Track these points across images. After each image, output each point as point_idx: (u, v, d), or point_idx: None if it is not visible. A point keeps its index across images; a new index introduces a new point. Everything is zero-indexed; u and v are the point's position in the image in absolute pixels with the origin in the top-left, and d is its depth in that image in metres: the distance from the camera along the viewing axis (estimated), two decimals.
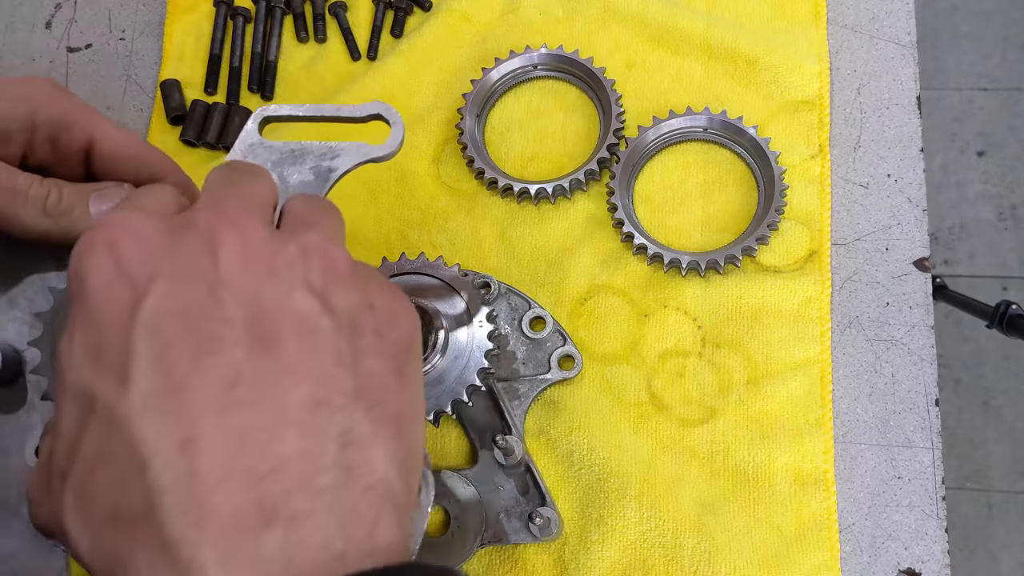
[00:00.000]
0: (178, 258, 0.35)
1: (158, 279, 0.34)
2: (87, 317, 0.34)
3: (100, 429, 0.32)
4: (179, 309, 0.34)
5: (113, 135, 0.56)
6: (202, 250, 0.35)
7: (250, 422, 0.32)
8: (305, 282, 0.36)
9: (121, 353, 0.33)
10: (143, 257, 0.35)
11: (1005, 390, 1.93)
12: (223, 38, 0.94)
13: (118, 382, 0.32)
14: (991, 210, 2.03)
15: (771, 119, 0.82)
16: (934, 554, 0.69)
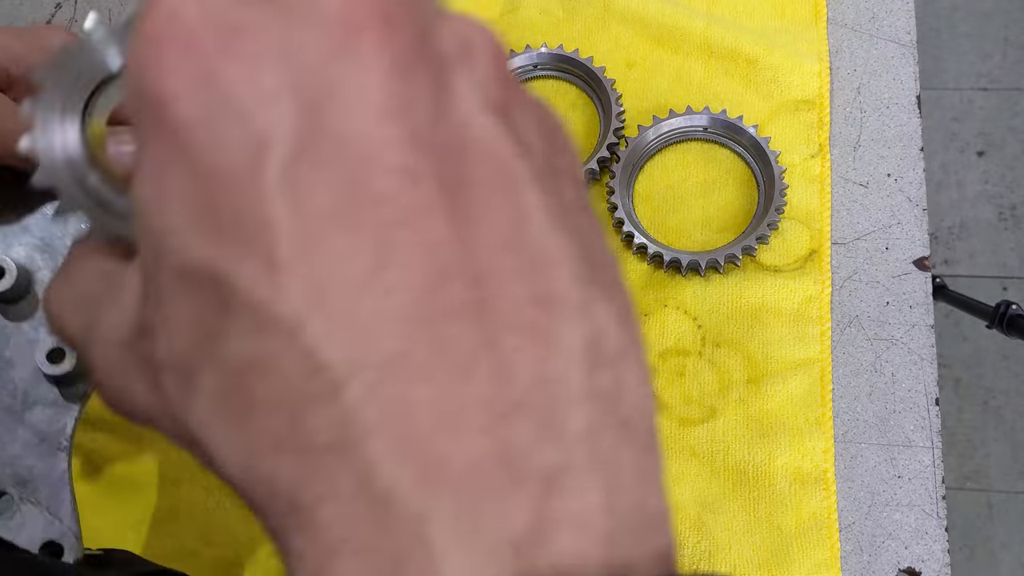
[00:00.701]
0: (304, 69, 0.23)
1: (282, 106, 0.22)
2: (182, 158, 0.23)
3: (247, 327, 0.22)
4: (327, 156, 0.22)
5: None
6: (338, 55, 0.23)
7: (470, 333, 0.22)
8: (483, 97, 0.25)
9: (255, 223, 0.22)
10: (252, 69, 0.23)
11: (1005, 390, 1.93)
12: None
13: (260, 268, 0.22)
14: (991, 210, 2.03)
15: (771, 118, 0.82)
16: (934, 553, 0.69)
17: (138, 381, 0.27)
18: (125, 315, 0.27)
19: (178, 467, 0.80)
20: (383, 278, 0.21)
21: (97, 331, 0.28)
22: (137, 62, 0.23)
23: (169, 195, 0.23)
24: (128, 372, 0.27)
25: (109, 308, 0.27)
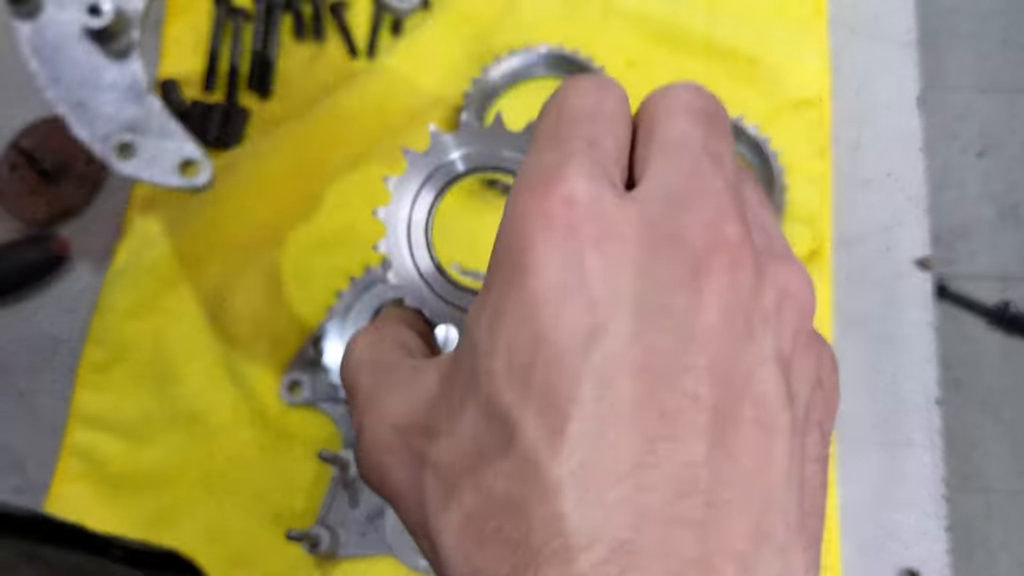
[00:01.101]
0: (653, 286, 0.26)
1: (623, 309, 0.26)
2: (524, 317, 0.26)
3: (517, 473, 0.26)
4: (641, 364, 0.25)
5: None
6: (685, 283, 0.26)
7: (689, 547, 0.24)
8: (776, 349, 0.27)
9: (561, 395, 0.25)
10: (613, 270, 0.26)
11: (1005, 390, 1.92)
12: (222, 37, 0.94)
13: (550, 432, 0.25)
14: (992, 210, 2.03)
15: (772, 118, 0.82)
16: (935, 554, 0.69)
17: (400, 465, 0.30)
18: (413, 406, 0.30)
19: (178, 467, 0.80)
20: (640, 476, 0.24)
21: (381, 404, 0.31)
22: (519, 217, 0.27)
23: (500, 341, 0.27)
24: (394, 452, 0.30)
25: (400, 391, 0.31)
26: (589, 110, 0.30)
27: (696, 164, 0.28)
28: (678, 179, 0.28)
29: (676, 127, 0.29)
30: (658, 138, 0.29)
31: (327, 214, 0.86)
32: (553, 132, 0.30)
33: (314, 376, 0.79)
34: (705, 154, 0.29)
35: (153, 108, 0.64)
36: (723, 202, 0.27)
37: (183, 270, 0.85)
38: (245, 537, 0.77)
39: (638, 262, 0.26)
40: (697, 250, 0.26)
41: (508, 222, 0.28)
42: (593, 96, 0.31)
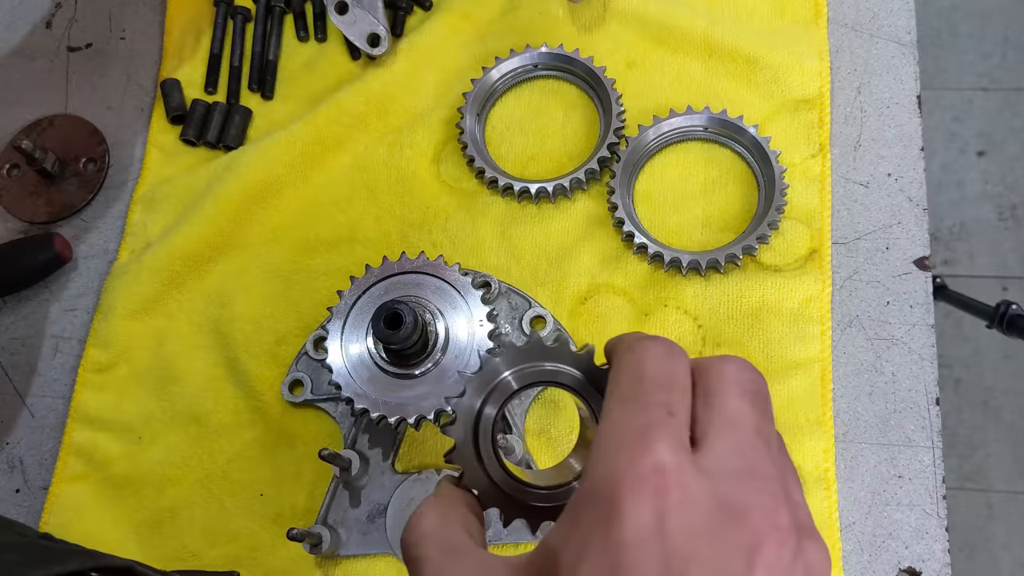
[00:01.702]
0: (718, 551, 0.33)
1: (693, 568, 0.32)
2: (610, 557, 0.32)
3: None
4: None
5: None
6: (743, 553, 0.33)
7: None
8: None
9: None
10: (688, 533, 0.33)
11: (1005, 390, 1.92)
12: (223, 37, 0.94)
13: None
14: (991, 210, 2.03)
15: (771, 118, 0.82)
16: (934, 553, 0.69)
17: None
18: None
19: (179, 468, 0.80)
20: None
21: None
22: (614, 472, 0.33)
23: (583, 570, 0.32)
24: None
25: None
26: (667, 379, 0.37)
27: (753, 448, 0.36)
28: (738, 460, 0.35)
29: (733, 405, 0.37)
30: (717, 410, 0.37)
31: (328, 214, 0.86)
32: (634, 395, 0.37)
33: (315, 376, 0.79)
34: (759, 438, 0.37)
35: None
36: (775, 490, 0.35)
37: (183, 270, 0.85)
38: (246, 537, 0.77)
39: (708, 529, 0.33)
40: (756, 530, 0.33)
41: (603, 473, 0.34)
42: (668, 364, 0.38)
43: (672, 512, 0.33)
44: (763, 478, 0.35)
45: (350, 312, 0.70)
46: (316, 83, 0.92)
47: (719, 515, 0.33)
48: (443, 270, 0.71)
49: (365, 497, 0.75)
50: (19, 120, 0.96)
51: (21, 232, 0.92)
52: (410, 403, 0.67)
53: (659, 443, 0.34)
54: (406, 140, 0.87)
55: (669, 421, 0.35)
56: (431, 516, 0.41)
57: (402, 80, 0.88)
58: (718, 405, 0.37)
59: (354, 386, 0.68)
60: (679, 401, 0.37)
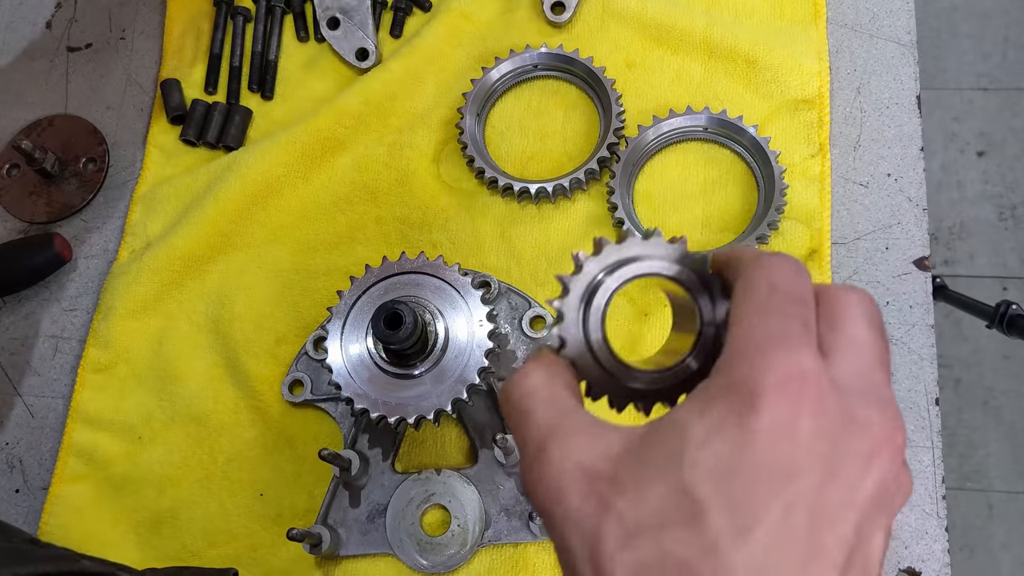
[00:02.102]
0: (840, 453, 0.36)
1: (816, 464, 0.36)
2: (741, 440, 0.36)
3: (695, 544, 0.35)
4: (816, 505, 0.35)
5: None
6: (861, 459, 0.37)
7: None
8: (888, 525, 0.39)
9: (755, 506, 0.35)
10: (817, 432, 0.36)
11: (1005, 390, 1.92)
12: (223, 37, 0.94)
13: (737, 529, 0.34)
14: (991, 210, 2.03)
15: (771, 118, 0.82)
16: (934, 553, 0.69)
17: (579, 496, 0.38)
18: (598, 455, 0.39)
19: (179, 467, 0.80)
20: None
21: (566, 440, 0.39)
22: (759, 370, 0.36)
23: (711, 447, 0.36)
24: (576, 484, 0.38)
25: (585, 438, 0.39)
26: (799, 294, 0.40)
27: (876, 372, 0.40)
28: (862, 381, 0.39)
29: (860, 332, 0.40)
30: (844, 334, 0.40)
31: (328, 214, 0.86)
32: (770, 305, 0.39)
33: (315, 376, 0.79)
34: (882, 366, 0.40)
35: (364, 5, 0.87)
36: (894, 409, 0.39)
37: (183, 270, 0.85)
38: (246, 537, 0.77)
39: (833, 433, 0.36)
40: (876, 441, 0.37)
41: (745, 371, 0.37)
42: (799, 281, 0.40)
43: (807, 412, 0.36)
44: (884, 401, 0.39)
45: (350, 312, 0.70)
46: (316, 83, 0.92)
47: (846, 422, 0.37)
48: (443, 270, 0.71)
49: (365, 497, 0.75)
50: (19, 120, 0.96)
51: (21, 232, 0.92)
52: (410, 403, 0.67)
53: (802, 349, 0.37)
54: (406, 140, 0.87)
55: (807, 332, 0.39)
56: (538, 373, 0.43)
57: (402, 80, 0.88)
58: (845, 330, 0.40)
59: (354, 386, 0.68)
60: (812, 316, 0.40)
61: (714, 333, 0.44)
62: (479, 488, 0.74)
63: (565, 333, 0.45)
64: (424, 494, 0.74)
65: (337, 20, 0.89)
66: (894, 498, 0.39)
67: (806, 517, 0.35)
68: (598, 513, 0.37)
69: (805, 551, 0.35)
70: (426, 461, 0.76)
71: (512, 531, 0.72)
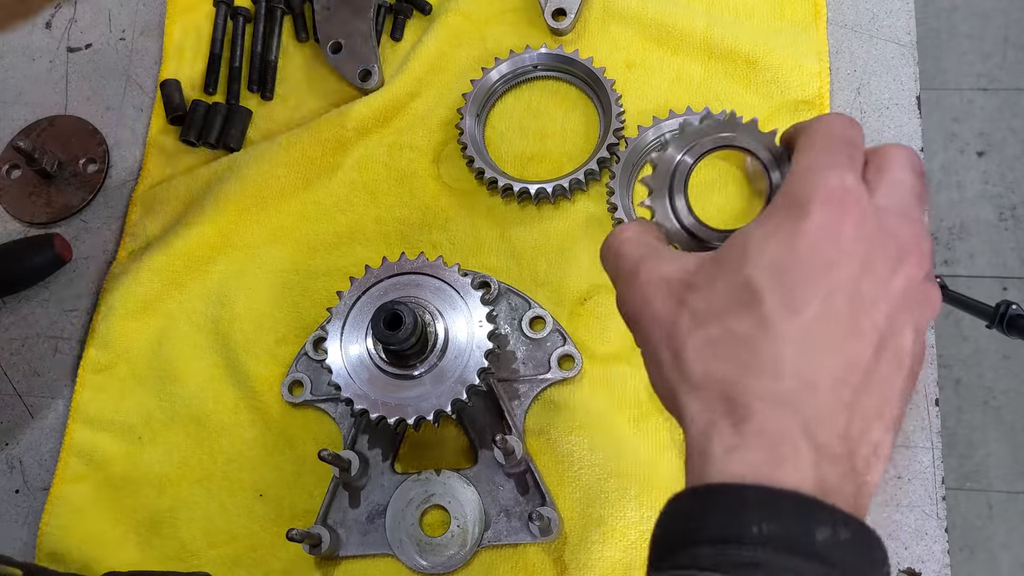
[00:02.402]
0: (874, 254, 0.44)
1: (854, 260, 0.43)
2: (793, 241, 0.43)
3: (754, 322, 0.42)
4: (854, 294, 0.43)
5: None
6: (891, 259, 0.44)
7: (843, 405, 0.43)
8: (917, 322, 0.46)
9: (804, 290, 0.42)
10: (856, 237, 0.43)
11: (1005, 390, 1.92)
12: (223, 38, 0.94)
13: (788, 309, 0.42)
14: (991, 210, 2.03)
15: (771, 119, 0.82)
16: (934, 554, 0.69)
17: (662, 298, 0.46)
18: (678, 269, 0.47)
19: (178, 468, 0.80)
20: (833, 353, 0.43)
21: (652, 263, 0.48)
22: (810, 184, 0.45)
23: (769, 247, 0.44)
24: (659, 290, 0.47)
25: (667, 261, 0.48)
26: (850, 138, 0.48)
27: (911, 204, 0.47)
28: (899, 205, 0.46)
29: (900, 175, 0.47)
30: (893, 175, 0.47)
31: (328, 215, 0.86)
32: (825, 145, 0.47)
33: (315, 376, 0.79)
34: (918, 200, 0.48)
35: (363, 29, 0.88)
36: (923, 231, 0.47)
37: (183, 270, 0.85)
38: (246, 537, 0.77)
39: (871, 238, 0.44)
40: (905, 247, 0.45)
41: (799, 187, 0.45)
42: (851, 129, 0.48)
43: (848, 220, 0.43)
44: (915, 222, 0.47)
45: (350, 313, 0.70)
46: (316, 84, 0.92)
47: (880, 231, 0.44)
48: (442, 271, 0.71)
49: (365, 498, 0.75)
50: (19, 120, 0.96)
51: (21, 233, 0.92)
52: (409, 403, 0.67)
53: (848, 173, 0.45)
54: (406, 141, 0.87)
55: (852, 162, 0.46)
56: (632, 227, 0.52)
57: (402, 81, 0.88)
58: (890, 172, 0.47)
59: (354, 387, 0.68)
60: (859, 155, 0.48)
61: None
62: (479, 489, 0.74)
63: (654, 203, 0.53)
64: (424, 495, 0.74)
65: (340, 44, 0.89)
66: (922, 305, 0.46)
67: (846, 302, 0.42)
68: (675, 309, 0.46)
69: (846, 329, 0.42)
70: (426, 462, 0.76)
71: (512, 532, 0.72)
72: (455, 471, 0.74)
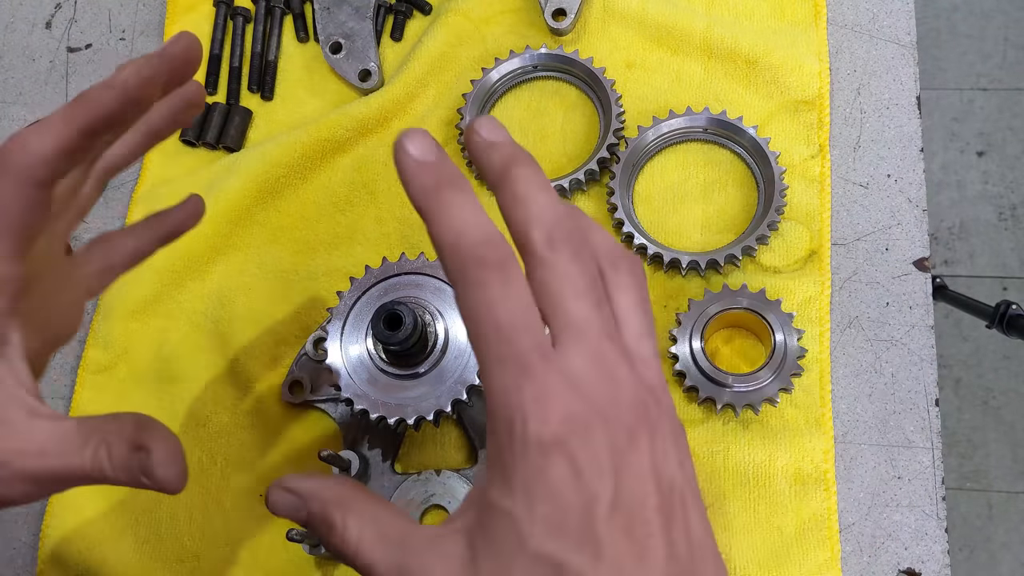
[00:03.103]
0: (625, 461, 0.41)
1: (608, 477, 0.40)
2: (550, 500, 0.40)
3: None
4: (627, 502, 0.40)
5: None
6: (638, 448, 0.41)
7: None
8: (678, 460, 0.43)
9: (588, 534, 0.39)
10: (601, 460, 0.40)
11: (1005, 390, 1.92)
12: (223, 38, 0.94)
13: (592, 557, 0.39)
14: (991, 210, 2.03)
15: (771, 119, 0.82)
16: (934, 554, 0.69)
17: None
18: (452, 570, 0.41)
19: None
20: (647, 559, 0.40)
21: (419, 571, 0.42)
22: (526, 408, 0.40)
23: (536, 511, 0.39)
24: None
25: (432, 561, 0.42)
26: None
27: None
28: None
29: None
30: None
31: (328, 215, 0.86)
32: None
33: (315, 376, 0.79)
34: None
35: (363, 29, 0.88)
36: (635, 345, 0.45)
37: (183, 270, 0.85)
38: (246, 537, 0.77)
39: (610, 450, 0.41)
40: (631, 423, 0.41)
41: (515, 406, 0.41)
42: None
43: (583, 455, 0.41)
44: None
45: (349, 313, 0.70)
46: (316, 84, 0.92)
47: (604, 423, 0.42)
48: (442, 271, 0.71)
49: None
50: (19, 120, 0.96)
51: None
52: (409, 404, 0.67)
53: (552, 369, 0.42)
54: None
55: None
56: (353, 523, 0.45)
57: (402, 81, 0.88)
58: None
59: (354, 387, 0.68)
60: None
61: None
62: None
63: (679, 351, 0.70)
64: (424, 495, 0.74)
65: (340, 44, 0.89)
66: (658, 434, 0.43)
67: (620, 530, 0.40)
68: None
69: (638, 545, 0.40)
70: (426, 462, 0.76)
71: None
72: (455, 471, 0.74)
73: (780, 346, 0.71)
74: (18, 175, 0.45)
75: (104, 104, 0.47)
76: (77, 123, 0.46)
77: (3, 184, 0.45)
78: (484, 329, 0.42)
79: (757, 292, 0.73)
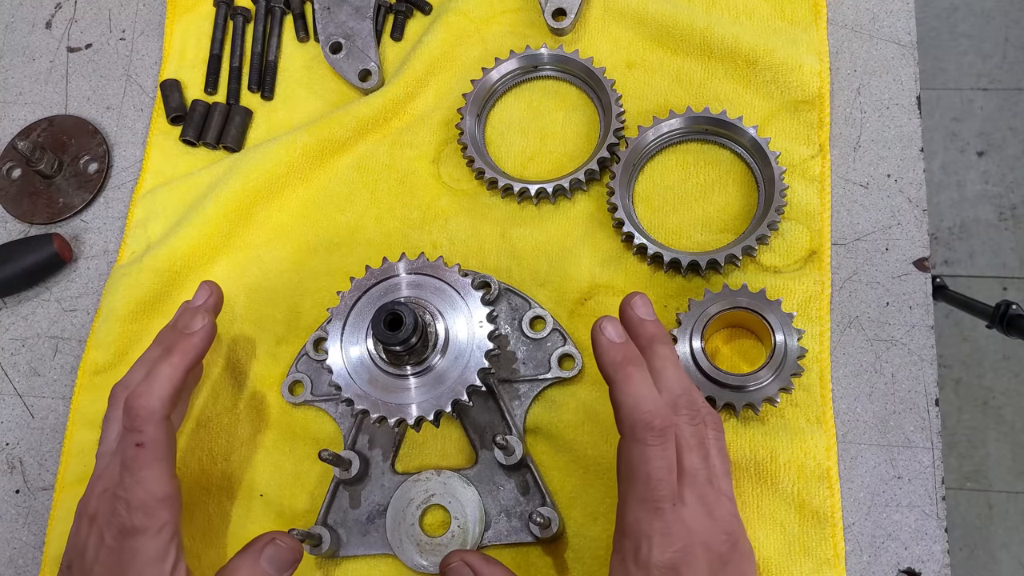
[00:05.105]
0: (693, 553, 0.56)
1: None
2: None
3: None
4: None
5: None
6: (727, 571, 0.57)
7: None
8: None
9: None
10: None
11: (1005, 390, 1.92)
12: (223, 38, 0.95)
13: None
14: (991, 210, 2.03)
15: (771, 119, 0.82)
16: (934, 554, 0.69)
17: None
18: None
19: (178, 468, 0.80)
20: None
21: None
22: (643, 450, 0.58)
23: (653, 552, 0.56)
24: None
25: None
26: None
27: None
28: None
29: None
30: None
31: (328, 215, 0.86)
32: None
33: (315, 376, 0.79)
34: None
35: (363, 29, 0.89)
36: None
37: (184, 271, 0.85)
38: (246, 537, 0.77)
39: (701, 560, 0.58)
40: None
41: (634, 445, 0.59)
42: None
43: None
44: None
45: (350, 313, 0.70)
46: (316, 84, 0.92)
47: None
48: (443, 271, 0.71)
49: (365, 498, 0.75)
50: (19, 120, 0.96)
51: (21, 233, 0.92)
52: (409, 404, 0.67)
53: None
54: (406, 141, 0.87)
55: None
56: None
57: (402, 81, 0.88)
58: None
59: (354, 387, 0.68)
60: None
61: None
62: (479, 489, 0.74)
63: (680, 351, 0.72)
64: (424, 495, 0.74)
65: (340, 44, 0.89)
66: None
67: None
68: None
69: None
70: (426, 462, 0.76)
71: (512, 532, 0.72)
72: (455, 471, 0.74)
73: (780, 346, 0.71)
74: (159, 422, 0.63)
75: (199, 349, 0.68)
76: (183, 368, 0.66)
77: (150, 430, 0.63)
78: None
79: (757, 292, 0.72)
